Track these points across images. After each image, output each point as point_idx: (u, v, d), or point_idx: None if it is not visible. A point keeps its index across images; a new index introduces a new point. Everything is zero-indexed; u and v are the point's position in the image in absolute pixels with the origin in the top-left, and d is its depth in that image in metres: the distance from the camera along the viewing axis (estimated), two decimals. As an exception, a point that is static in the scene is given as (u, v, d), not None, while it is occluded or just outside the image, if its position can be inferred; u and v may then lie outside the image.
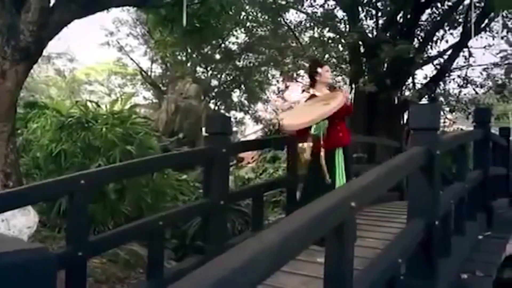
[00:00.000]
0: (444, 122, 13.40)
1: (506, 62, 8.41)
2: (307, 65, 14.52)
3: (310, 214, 1.44)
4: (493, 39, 11.82)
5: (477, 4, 11.23)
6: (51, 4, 5.59)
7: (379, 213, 5.60)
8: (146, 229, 3.32)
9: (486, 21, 11.93)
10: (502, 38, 8.38)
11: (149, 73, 20.93)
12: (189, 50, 16.11)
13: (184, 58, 17.01)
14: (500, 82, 8.92)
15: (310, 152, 4.19)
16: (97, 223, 5.56)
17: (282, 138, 5.09)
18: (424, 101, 11.58)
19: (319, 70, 4.37)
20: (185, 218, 4.92)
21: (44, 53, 6.21)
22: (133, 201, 6.05)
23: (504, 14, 10.76)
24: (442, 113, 12.78)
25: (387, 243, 2.57)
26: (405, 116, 11.78)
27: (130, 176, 4.65)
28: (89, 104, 7.26)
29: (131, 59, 20.94)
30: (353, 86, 11.66)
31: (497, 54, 9.05)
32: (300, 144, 4.34)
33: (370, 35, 12.34)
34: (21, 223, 3.91)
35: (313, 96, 4.40)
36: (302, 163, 4.46)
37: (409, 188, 2.72)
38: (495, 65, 11.54)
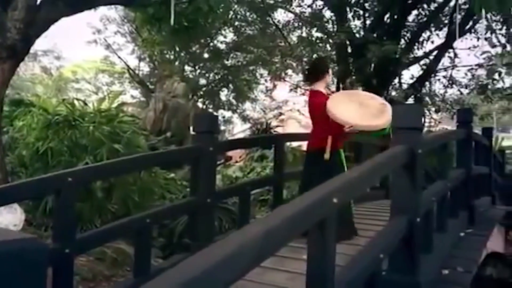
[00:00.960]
0: (430, 122, 13.56)
1: (490, 63, 8.56)
2: (294, 64, 14.66)
3: (293, 209, 1.49)
4: (478, 40, 12.02)
5: (462, 6, 11.42)
6: (38, 2, 5.56)
7: (364, 211, 5.67)
8: (133, 227, 3.34)
9: (471, 23, 12.14)
10: (485, 39, 8.54)
11: (136, 72, 20.83)
12: (177, 49, 16.07)
13: (172, 57, 16.98)
14: (483, 82, 9.08)
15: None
16: (84, 221, 5.55)
17: (269, 137, 5.15)
18: (410, 101, 11.74)
19: (329, 70, 4.49)
20: (172, 215, 4.94)
21: (31, 50, 6.16)
22: (120, 200, 6.05)
23: (489, 16, 10.95)
24: (428, 113, 12.95)
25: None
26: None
27: (118, 174, 4.65)
28: (76, 102, 7.23)
29: (119, 57, 20.85)
30: (341, 85, 11.76)
31: (480, 55, 9.21)
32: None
33: (357, 35, 12.46)
34: (7, 220, 3.90)
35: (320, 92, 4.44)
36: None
37: (392, 186, 2.78)
38: (480, 66, 11.73)
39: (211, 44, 16.99)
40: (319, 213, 1.63)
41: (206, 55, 17.72)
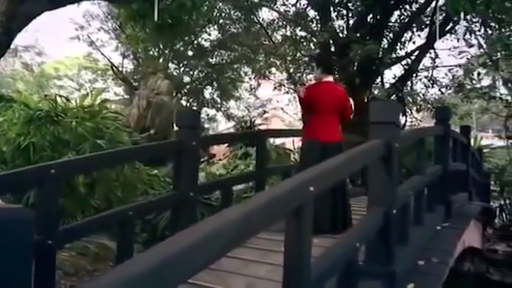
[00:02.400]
0: (412, 121, 13.79)
1: (469, 63, 8.78)
2: (278, 63, 14.74)
3: (272, 195, 1.56)
4: (458, 41, 12.26)
5: (443, 8, 11.64)
6: (20, -5, 5.53)
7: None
8: (116, 219, 3.37)
9: (451, 24, 12.38)
10: (464, 40, 8.75)
11: (120, 69, 20.66)
12: (161, 46, 16.01)
13: (156, 54, 16.90)
14: (461, 81, 9.31)
15: None
16: (67, 216, 5.54)
17: (252, 133, 5.21)
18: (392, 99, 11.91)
19: None
20: (155, 209, 4.97)
21: (11, 45, 6.10)
22: (103, 195, 6.05)
23: (468, 18, 11.19)
24: (409, 112, 13.18)
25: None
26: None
27: (101, 166, 4.63)
28: (58, 98, 7.19)
29: (102, 54, 20.61)
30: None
31: (458, 55, 9.44)
32: None
33: (340, 35, 12.59)
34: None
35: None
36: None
37: (369, 178, 2.87)
38: (459, 66, 11.98)
39: (195, 41, 16.95)
40: (297, 200, 1.70)
41: (190, 53, 17.68)
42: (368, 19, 12.63)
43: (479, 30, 11.18)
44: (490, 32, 7.19)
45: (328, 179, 1.98)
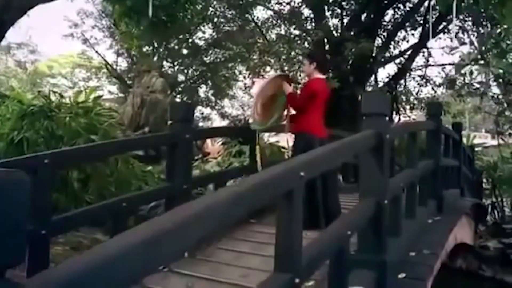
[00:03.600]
0: (405, 119, 13.88)
1: (461, 60, 8.85)
2: (272, 61, 14.78)
3: (263, 177, 1.58)
4: (451, 40, 12.36)
5: (436, 7, 11.72)
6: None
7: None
8: (110, 210, 3.39)
9: (444, 23, 12.47)
10: (456, 37, 8.84)
11: (114, 67, 20.61)
12: (155, 44, 16.00)
13: (150, 52, 16.88)
14: (452, 77, 9.40)
15: None
16: (60, 211, 5.53)
17: (246, 127, 5.23)
18: (385, 98, 11.97)
19: None
20: (148, 201, 4.96)
21: (4, 42, 6.08)
22: (96, 190, 6.03)
23: (461, 17, 11.29)
24: (403, 110, 13.28)
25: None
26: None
27: (95, 157, 4.61)
28: (52, 95, 7.16)
29: (96, 52, 20.59)
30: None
31: (450, 51, 9.53)
32: None
33: (334, 33, 12.65)
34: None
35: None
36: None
37: (361, 169, 2.90)
38: (452, 65, 12.08)
39: (190, 40, 16.97)
40: (287, 184, 1.73)
41: (184, 51, 17.69)
42: (362, 18, 12.71)
43: (471, 30, 11.29)
44: (482, 30, 7.26)
45: (318, 165, 2.01)
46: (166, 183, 3.97)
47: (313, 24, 13.18)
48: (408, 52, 13.21)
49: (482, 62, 6.81)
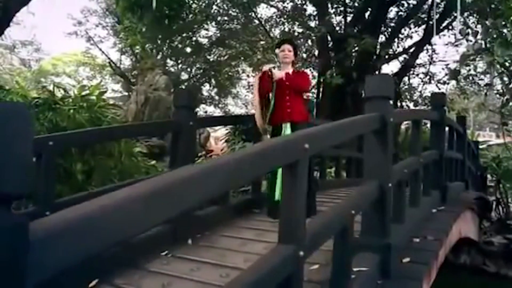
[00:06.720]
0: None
1: (466, 50, 8.78)
2: (276, 59, 14.79)
3: (266, 146, 1.58)
4: (455, 36, 12.32)
5: (440, 5, 11.71)
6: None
7: (342, 194, 5.83)
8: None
9: (449, 20, 12.45)
10: (460, 33, 8.80)
11: (118, 65, 20.67)
12: (159, 42, 16.04)
13: (154, 50, 16.92)
14: (456, 68, 9.34)
15: None
16: (64, 202, 5.55)
17: (249, 116, 5.22)
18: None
19: (276, 51, 4.62)
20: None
21: (8, 41, 6.12)
22: (100, 182, 6.05)
23: (466, 14, 11.26)
24: (406, 107, 13.24)
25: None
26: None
27: (99, 140, 4.60)
28: (56, 91, 7.18)
29: (100, 49, 20.66)
30: (321, 78, 11.92)
31: (454, 43, 9.49)
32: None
33: (338, 30, 12.65)
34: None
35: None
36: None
37: (364, 152, 2.89)
38: (457, 62, 12.03)
39: (193, 38, 16.99)
40: (292, 155, 1.72)
41: (188, 50, 17.72)
42: (366, 15, 12.70)
43: (476, 22, 11.23)
44: (486, 22, 7.22)
45: (322, 139, 2.00)
46: (169, 169, 3.96)
47: (316, 21, 13.18)
48: (412, 49, 13.19)
49: (485, 50, 6.80)
